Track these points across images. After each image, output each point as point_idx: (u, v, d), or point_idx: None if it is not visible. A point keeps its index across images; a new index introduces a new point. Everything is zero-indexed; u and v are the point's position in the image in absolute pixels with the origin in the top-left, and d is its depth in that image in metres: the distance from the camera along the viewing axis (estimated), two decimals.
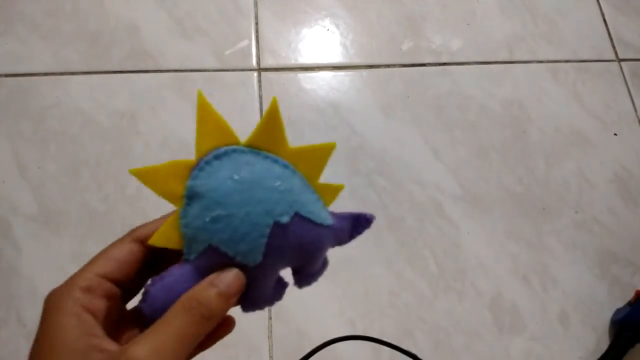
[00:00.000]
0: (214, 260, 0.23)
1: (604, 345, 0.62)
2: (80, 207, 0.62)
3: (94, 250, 0.24)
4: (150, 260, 0.25)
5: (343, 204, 0.28)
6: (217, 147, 0.23)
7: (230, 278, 0.23)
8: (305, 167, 0.24)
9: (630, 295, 0.63)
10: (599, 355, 0.61)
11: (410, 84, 0.74)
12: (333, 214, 0.25)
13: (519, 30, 0.79)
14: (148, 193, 0.67)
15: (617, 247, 0.68)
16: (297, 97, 0.71)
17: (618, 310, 0.63)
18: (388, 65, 0.75)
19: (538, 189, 0.70)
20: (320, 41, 0.75)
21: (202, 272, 0.23)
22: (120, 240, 0.25)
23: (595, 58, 0.79)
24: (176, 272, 0.23)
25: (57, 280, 0.23)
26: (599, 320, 0.64)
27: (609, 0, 0.83)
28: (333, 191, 0.25)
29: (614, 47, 0.80)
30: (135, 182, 0.64)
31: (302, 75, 0.72)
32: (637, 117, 0.76)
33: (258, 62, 0.72)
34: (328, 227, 0.24)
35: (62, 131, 0.66)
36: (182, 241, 0.23)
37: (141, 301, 0.23)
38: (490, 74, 0.76)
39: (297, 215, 0.23)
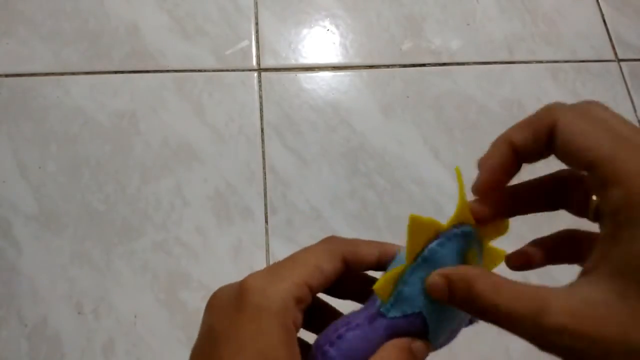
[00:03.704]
0: (411, 327, 0.23)
1: None
2: (81, 207, 0.62)
3: (94, 250, 0.24)
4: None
5: (343, 204, 0.28)
6: (469, 223, 0.24)
7: (423, 349, 0.22)
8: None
9: None
10: None
11: (410, 84, 0.74)
12: None
13: (518, 30, 0.80)
14: (148, 193, 0.67)
15: None
16: (297, 97, 0.71)
17: None
18: (388, 66, 0.75)
19: None
20: (320, 41, 0.75)
21: (393, 332, 0.23)
22: (330, 253, 0.23)
23: (594, 58, 0.79)
24: (369, 323, 0.23)
25: (58, 279, 0.23)
26: None
27: (608, 0, 0.83)
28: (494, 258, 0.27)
29: (613, 47, 0.80)
30: (135, 181, 0.64)
31: (302, 75, 0.72)
32: (637, 117, 0.76)
33: (258, 62, 0.72)
34: None
35: (62, 131, 0.66)
36: (391, 296, 0.23)
37: (329, 343, 0.23)
38: (490, 74, 0.76)
39: None
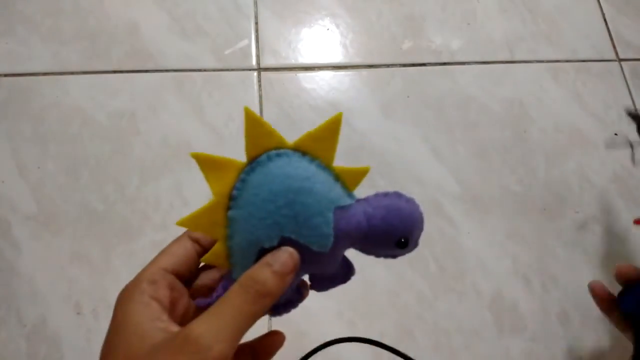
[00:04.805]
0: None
1: (605, 345, 0.62)
2: (80, 207, 0.62)
3: (94, 250, 0.25)
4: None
5: None
6: (266, 150, 0.24)
7: (284, 257, 0.24)
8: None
9: None
10: (599, 355, 0.61)
11: (410, 83, 0.74)
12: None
13: (519, 30, 0.79)
14: (147, 193, 0.67)
15: (619, 247, 0.68)
16: (297, 97, 0.71)
17: (623, 299, 0.58)
18: (388, 65, 0.74)
19: (538, 189, 0.70)
20: (320, 41, 0.75)
21: None
22: (179, 239, 0.28)
23: (595, 58, 0.79)
24: (221, 291, 0.25)
25: (57, 280, 0.24)
26: (599, 320, 0.64)
27: (609, 0, 0.83)
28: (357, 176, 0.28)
29: (614, 46, 0.80)
30: (134, 181, 0.64)
31: (302, 75, 0.72)
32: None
33: (258, 62, 0.72)
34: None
35: (61, 131, 0.66)
36: (229, 257, 0.25)
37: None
38: (491, 74, 0.76)
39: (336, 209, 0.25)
